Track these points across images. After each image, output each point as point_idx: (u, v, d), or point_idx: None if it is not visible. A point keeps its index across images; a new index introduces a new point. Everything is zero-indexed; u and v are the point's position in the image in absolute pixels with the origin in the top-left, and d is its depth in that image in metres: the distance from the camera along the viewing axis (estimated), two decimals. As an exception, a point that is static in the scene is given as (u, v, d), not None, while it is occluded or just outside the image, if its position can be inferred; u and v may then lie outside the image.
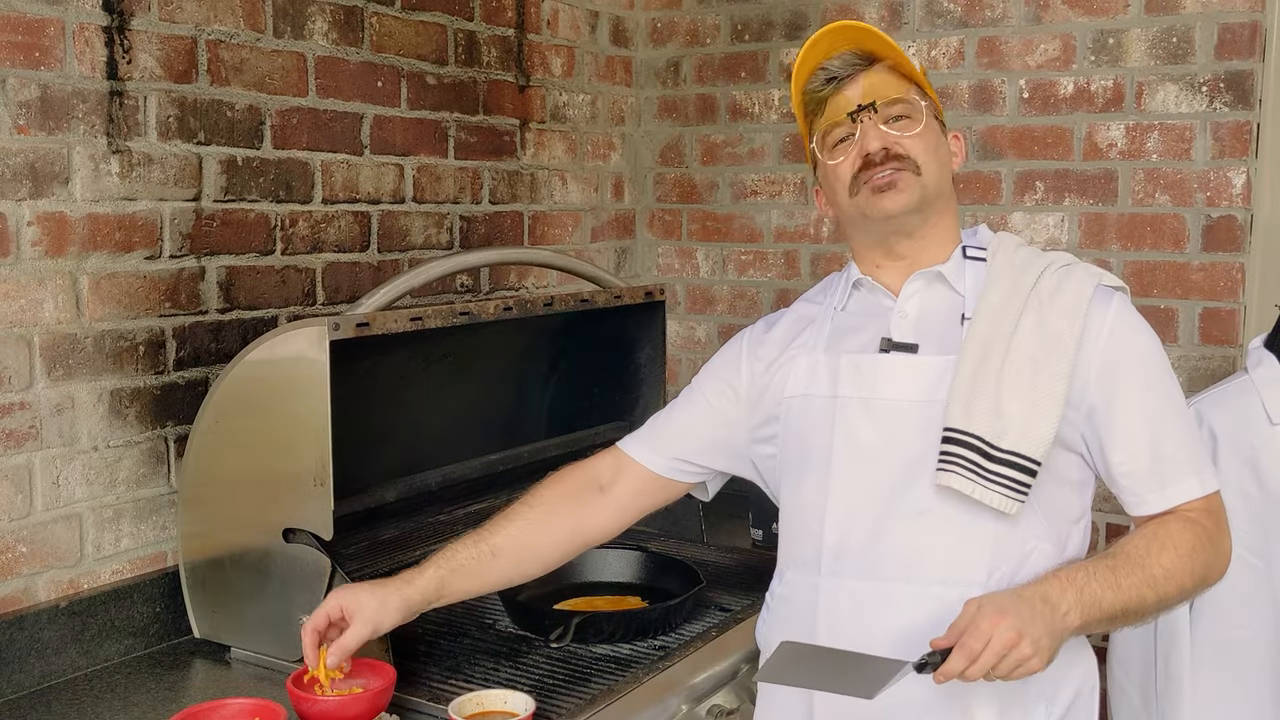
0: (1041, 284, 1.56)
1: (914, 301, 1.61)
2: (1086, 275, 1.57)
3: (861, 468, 1.58)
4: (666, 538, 2.55)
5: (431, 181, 2.55)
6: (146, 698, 1.79)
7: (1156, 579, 1.44)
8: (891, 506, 1.55)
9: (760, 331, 1.79)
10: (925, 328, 1.59)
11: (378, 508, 2.02)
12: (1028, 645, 1.34)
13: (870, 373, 1.59)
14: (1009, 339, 1.51)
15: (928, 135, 1.58)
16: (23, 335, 1.82)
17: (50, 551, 1.88)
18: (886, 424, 1.57)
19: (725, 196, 3.16)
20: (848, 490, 1.58)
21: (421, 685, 1.79)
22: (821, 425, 1.61)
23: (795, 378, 1.66)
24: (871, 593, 1.56)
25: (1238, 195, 2.53)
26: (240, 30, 2.11)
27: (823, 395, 1.62)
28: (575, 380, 2.58)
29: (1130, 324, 1.55)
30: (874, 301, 1.65)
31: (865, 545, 1.57)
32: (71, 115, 1.86)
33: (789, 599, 1.67)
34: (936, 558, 1.54)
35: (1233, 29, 2.50)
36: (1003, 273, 1.58)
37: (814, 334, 1.69)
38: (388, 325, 1.86)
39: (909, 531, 1.54)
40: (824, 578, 1.60)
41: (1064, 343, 1.51)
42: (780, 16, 3.02)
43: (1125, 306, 1.56)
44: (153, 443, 2.01)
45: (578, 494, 1.78)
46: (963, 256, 1.62)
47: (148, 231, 1.98)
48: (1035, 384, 1.49)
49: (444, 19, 2.55)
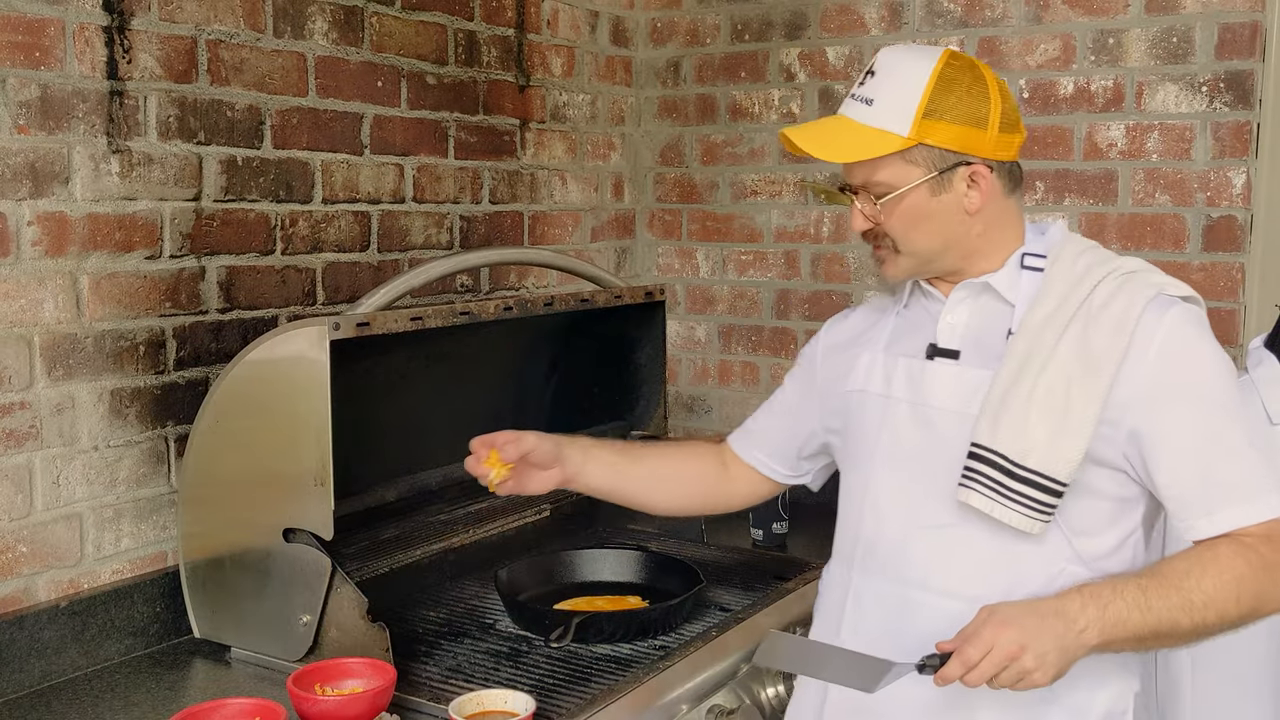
0: (1095, 295, 1.50)
1: (961, 310, 1.60)
2: (1144, 285, 1.50)
3: (899, 471, 1.60)
4: (666, 537, 2.55)
5: (431, 181, 2.55)
6: (147, 697, 1.79)
7: (1194, 604, 1.38)
8: (919, 515, 1.57)
9: (836, 320, 1.83)
10: (972, 337, 1.58)
11: (378, 507, 2.03)
12: (1030, 658, 1.33)
13: (919, 377, 1.60)
14: (1048, 355, 1.47)
15: (906, 214, 1.54)
16: (23, 335, 1.82)
17: (50, 551, 1.88)
18: (928, 430, 1.57)
19: (725, 196, 3.16)
20: (884, 491, 1.61)
21: (422, 685, 1.79)
22: (872, 423, 1.64)
23: (856, 373, 1.69)
24: (895, 596, 1.58)
25: (1238, 195, 2.53)
26: (240, 30, 2.11)
27: (877, 394, 1.64)
28: (575, 380, 2.58)
29: (1184, 338, 1.47)
30: (928, 305, 1.65)
31: (894, 548, 1.59)
32: (71, 115, 1.86)
33: (826, 590, 1.73)
34: (956, 572, 1.54)
35: (1233, 29, 2.50)
36: (1055, 284, 1.53)
37: (879, 330, 1.70)
38: (388, 325, 1.86)
39: (932, 542, 1.56)
40: (856, 574, 1.64)
41: (1105, 360, 1.45)
42: (780, 16, 3.02)
43: (1183, 318, 1.48)
44: (153, 442, 2.01)
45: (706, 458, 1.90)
46: (1019, 266, 1.58)
47: (148, 231, 1.98)
48: (1067, 404, 1.45)
49: (444, 19, 2.55)
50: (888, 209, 1.54)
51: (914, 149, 1.51)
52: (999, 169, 1.55)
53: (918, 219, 1.54)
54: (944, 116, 1.50)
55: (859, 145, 1.52)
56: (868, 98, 1.53)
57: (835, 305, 3.01)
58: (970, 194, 1.53)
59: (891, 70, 1.53)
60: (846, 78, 2.93)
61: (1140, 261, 1.56)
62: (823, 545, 2.61)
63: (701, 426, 3.20)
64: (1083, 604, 1.37)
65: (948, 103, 1.50)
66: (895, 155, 1.51)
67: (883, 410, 1.63)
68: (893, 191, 1.53)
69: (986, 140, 1.52)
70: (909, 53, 1.56)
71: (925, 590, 1.55)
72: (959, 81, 1.51)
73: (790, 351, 3.07)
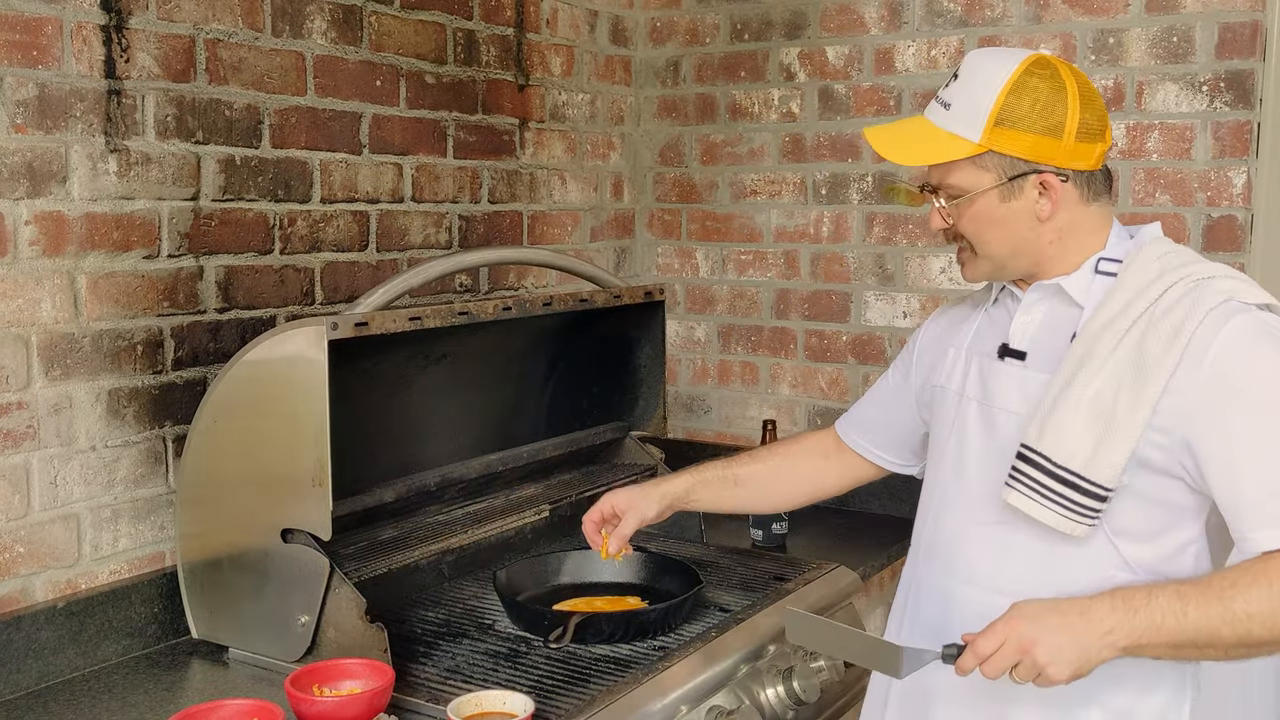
0: (1162, 300, 1.47)
1: (1036, 311, 1.61)
2: (1214, 292, 1.46)
3: (964, 469, 1.64)
4: (666, 538, 2.55)
5: (430, 181, 2.54)
6: (144, 698, 1.78)
7: (1236, 615, 1.35)
8: (974, 512, 1.61)
9: (939, 313, 1.88)
10: (1042, 340, 1.59)
11: (376, 508, 2.02)
12: (1042, 653, 1.34)
13: (988, 377, 1.63)
14: (1104, 360, 1.47)
15: (978, 217, 1.56)
16: (20, 335, 1.82)
17: (48, 552, 1.87)
18: (991, 430, 1.60)
19: (725, 196, 3.15)
20: (949, 488, 1.66)
21: (420, 686, 1.79)
22: (947, 419, 1.69)
23: (943, 368, 1.73)
24: (946, 591, 1.64)
25: (1238, 195, 2.53)
26: (239, 29, 2.11)
27: (954, 390, 1.69)
28: (574, 380, 2.58)
29: (1244, 346, 1.42)
30: (1009, 306, 1.66)
31: (950, 544, 1.65)
32: (69, 114, 1.86)
33: (901, 586, 1.79)
34: (1004, 571, 1.57)
35: (1233, 28, 2.50)
36: (1124, 287, 1.51)
37: (969, 326, 1.73)
38: (386, 325, 1.85)
39: (984, 539, 1.60)
40: (920, 568, 1.72)
41: (1157, 368, 1.43)
42: (780, 16, 3.02)
43: (1247, 326, 1.43)
44: (151, 443, 2.01)
45: (811, 453, 1.99)
46: (1094, 270, 1.57)
47: (146, 231, 1.98)
48: (1115, 409, 1.45)
49: (443, 18, 2.55)
50: (960, 211, 1.57)
51: (985, 155, 1.52)
52: (1075, 177, 1.54)
53: (989, 223, 1.56)
54: (1016, 125, 1.50)
55: (932, 149, 1.55)
56: (947, 101, 1.55)
57: (835, 305, 3.00)
58: (1041, 202, 1.54)
59: (972, 75, 1.54)
60: (846, 77, 2.93)
61: (1222, 266, 1.52)
62: (822, 546, 2.62)
63: (701, 427, 3.20)
64: (1112, 606, 1.37)
65: (1020, 111, 1.50)
66: (967, 160, 1.53)
67: (956, 408, 1.68)
68: (964, 195, 1.55)
69: (1061, 149, 1.51)
70: (991, 56, 1.56)
71: (972, 586, 1.60)
72: (1035, 89, 1.50)
73: (790, 351, 3.07)
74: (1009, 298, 1.67)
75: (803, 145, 3.01)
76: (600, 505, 1.96)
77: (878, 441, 1.92)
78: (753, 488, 1.99)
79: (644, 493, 1.94)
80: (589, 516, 1.97)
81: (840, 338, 3.01)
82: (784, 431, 2.99)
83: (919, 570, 1.72)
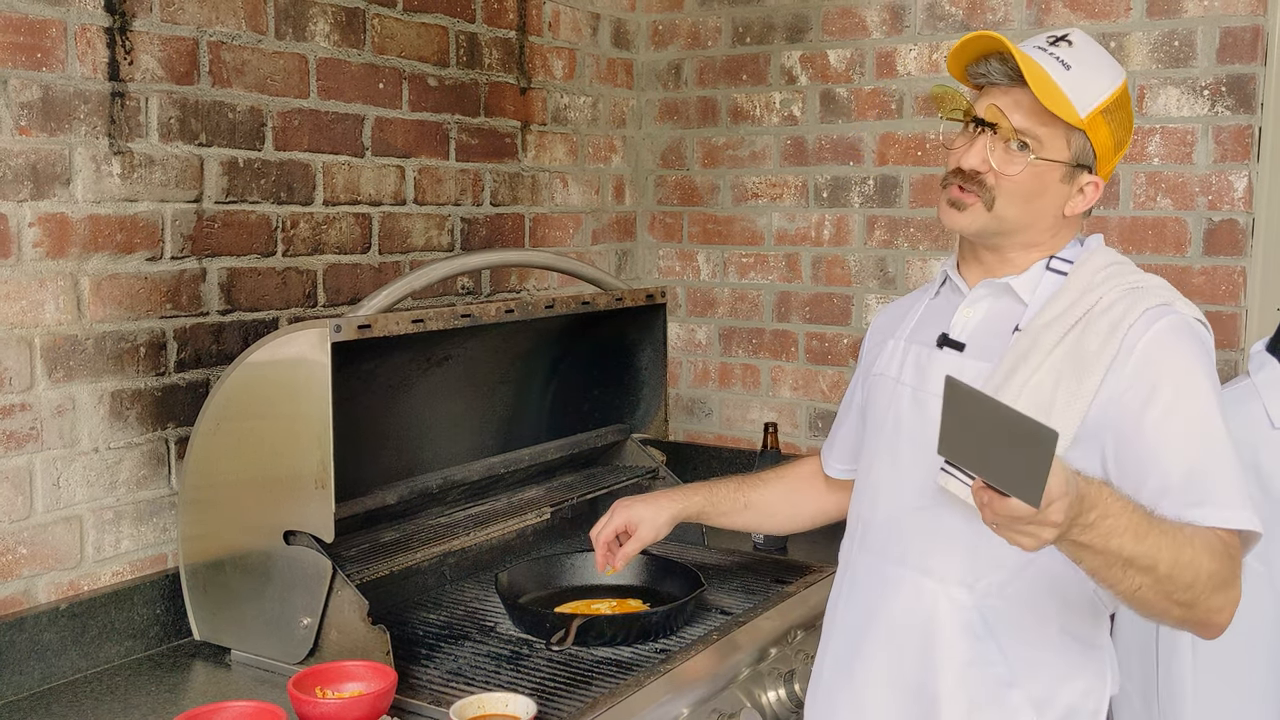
0: (1101, 302, 1.53)
1: (980, 306, 1.64)
2: (1151, 296, 1.52)
3: (898, 454, 1.66)
4: (668, 540, 2.54)
5: (433, 183, 2.54)
6: (147, 700, 1.79)
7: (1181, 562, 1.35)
8: (907, 496, 1.63)
9: (883, 309, 1.91)
10: (983, 332, 1.62)
11: (379, 510, 2.02)
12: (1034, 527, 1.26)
13: (925, 365, 1.65)
14: (1045, 355, 1.51)
15: (1028, 181, 1.55)
16: (24, 336, 1.82)
17: (50, 553, 1.87)
18: (924, 415, 1.62)
19: (726, 199, 3.15)
20: (883, 472, 1.68)
21: (422, 688, 1.79)
22: (882, 405, 1.71)
23: (882, 358, 1.75)
24: (879, 573, 1.66)
25: (1239, 199, 2.53)
26: (242, 32, 2.11)
27: (891, 378, 1.71)
28: (576, 382, 2.58)
29: (1169, 341, 1.49)
30: (952, 298, 1.69)
31: (884, 527, 1.67)
32: (73, 116, 1.86)
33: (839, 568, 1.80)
34: (934, 553, 1.60)
35: (1234, 33, 2.50)
36: (1071, 288, 1.56)
37: (910, 317, 1.76)
38: (389, 327, 1.85)
39: (916, 522, 1.62)
40: (855, 551, 1.73)
41: (1096, 361, 1.49)
42: (782, 19, 3.02)
43: (1176, 324, 1.50)
44: (153, 444, 2.01)
45: (813, 480, 2.01)
46: (1044, 269, 1.61)
47: (149, 233, 1.98)
48: (1054, 400, 1.49)
49: (446, 21, 2.55)
50: (1016, 163, 1.54)
51: (1078, 133, 1.55)
52: None
53: (1033, 191, 1.57)
54: (1110, 124, 1.56)
55: (1055, 95, 1.52)
56: (1068, 63, 1.54)
57: (836, 308, 3.01)
58: (1076, 199, 1.59)
59: (1093, 57, 1.57)
60: (848, 80, 2.93)
61: (1161, 280, 1.58)
62: (823, 548, 2.62)
63: (702, 429, 3.20)
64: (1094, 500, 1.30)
65: (1118, 116, 1.57)
66: (1065, 125, 1.54)
67: (891, 394, 1.70)
68: (1039, 154, 1.54)
69: (1114, 162, 1.61)
70: (1104, 52, 1.60)
71: (904, 567, 1.63)
72: (1128, 103, 1.60)
73: (791, 354, 3.07)
74: (952, 291, 1.70)
75: (804, 148, 3.02)
76: (614, 522, 1.98)
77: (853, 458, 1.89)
78: (762, 512, 2.03)
79: (656, 510, 1.98)
80: (603, 535, 1.98)
81: (841, 340, 3.01)
82: (785, 434, 3.00)
83: (854, 553, 1.74)
